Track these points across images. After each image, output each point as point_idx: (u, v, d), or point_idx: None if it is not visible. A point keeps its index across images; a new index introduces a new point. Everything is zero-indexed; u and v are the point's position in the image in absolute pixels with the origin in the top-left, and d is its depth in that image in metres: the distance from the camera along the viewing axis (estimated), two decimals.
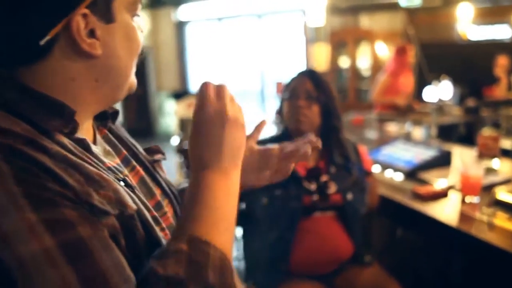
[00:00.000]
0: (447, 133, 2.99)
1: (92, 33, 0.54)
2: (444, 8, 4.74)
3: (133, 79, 0.63)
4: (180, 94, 5.96)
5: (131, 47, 0.59)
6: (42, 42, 0.52)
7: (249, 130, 0.74)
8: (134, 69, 0.62)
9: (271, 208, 1.39)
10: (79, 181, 0.49)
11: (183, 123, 5.18)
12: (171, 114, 7.07)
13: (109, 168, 0.59)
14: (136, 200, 0.57)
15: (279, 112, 1.55)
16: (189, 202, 0.57)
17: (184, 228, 0.54)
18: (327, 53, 5.85)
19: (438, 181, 1.77)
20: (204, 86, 0.61)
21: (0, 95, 0.52)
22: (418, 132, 2.80)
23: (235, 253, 2.73)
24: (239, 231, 1.68)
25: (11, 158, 0.46)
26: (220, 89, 0.62)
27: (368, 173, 1.56)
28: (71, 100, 0.56)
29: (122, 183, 0.57)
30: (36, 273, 0.43)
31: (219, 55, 7.45)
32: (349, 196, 1.42)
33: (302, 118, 1.41)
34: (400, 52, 3.69)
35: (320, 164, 1.47)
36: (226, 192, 0.58)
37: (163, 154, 0.80)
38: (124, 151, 0.70)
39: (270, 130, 3.19)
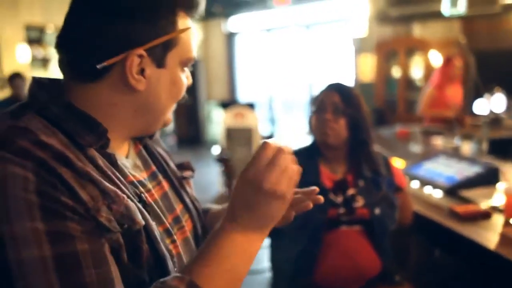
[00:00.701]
0: (501, 148, 2.78)
1: (142, 71, 0.62)
2: (504, 15, 4.44)
3: (168, 117, 0.71)
4: (228, 103, 6.08)
5: (173, 92, 0.67)
6: (99, 66, 0.60)
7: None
8: (171, 110, 0.71)
9: (295, 220, 1.37)
10: (94, 196, 0.55)
11: (229, 132, 5.28)
12: (219, 123, 7.24)
13: (130, 182, 0.65)
14: (146, 215, 0.62)
15: (309, 125, 1.54)
16: (206, 247, 0.61)
17: (191, 270, 0.58)
18: (373, 63, 5.70)
19: (480, 201, 1.66)
20: (263, 145, 0.60)
21: (50, 110, 0.60)
22: (467, 147, 2.63)
23: (265, 264, 2.73)
24: (267, 242, 1.68)
25: (40, 170, 0.53)
26: (277, 155, 0.59)
27: (400, 189, 1.49)
28: (110, 122, 0.64)
29: (137, 198, 0.63)
30: (30, 276, 0.50)
31: (268, 65, 7.53)
32: (377, 211, 1.38)
33: (329, 132, 1.39)
34: (446, 63, 3.53)
35: (348, 177, 1.44)
36: (241, 256, 0.60)
37: (193, 171, 0.87)
38: (154, 167, 0.77)
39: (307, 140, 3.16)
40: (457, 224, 1.51)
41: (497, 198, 1.67)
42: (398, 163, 2.29)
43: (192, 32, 0.68)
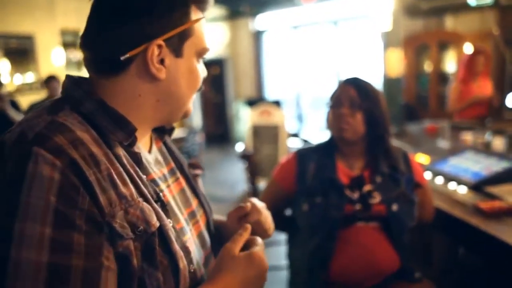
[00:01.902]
0: None
1: (162, 61, 0.66)
2: None
3: (189, 107, 0.75)
4: (254, 101, 6.10)
5: (191, 81, 0.71)
6: (123, 58, 0.64)
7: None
8: (191, 100, 0.74)
9: (311, 215, 1.38)
10: (112, 200, 0.59)
11: (255, 129, 5.30)
12: (246, 121, 7.29)
13: (152, 180, 0.70)
14: (162, 216, 0.66)
15: (326, 120, 1.53)
16: None
17: None
18: (401, 58, 5.55)
19: (507, 197, 1.60)
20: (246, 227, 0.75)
21: (84, 105, 0.65)
22: (499, 142, 2.52)
23: (284, 261, 2.72)
24: (284, 238, 1.69)
25: (68, 172, 0.56)
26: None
27: (419, 185, 1.46)
28: (135, 113, 0.68)
29: (155, 197, 0.67)
30: (20, 279, 0.52)
31: (295, 62, 7.50)
32: (394, 207, 1.36)
33: (345, 126, 1.38)
34: (472, 57, 3.38)
35: (365, 173, 1.42)
36: None
37: (202, 169, 0.92)
38: (172, 163, 0.81)
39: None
40: (482, 221, 1.46)
41: None
42: (422, 158, 2.24)
43: (203, 24, 0.72)
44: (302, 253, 1.42)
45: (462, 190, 1.75)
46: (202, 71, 0.74)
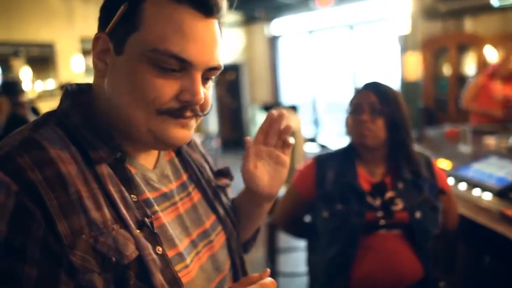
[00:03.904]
0: None
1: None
2: None
3: (156, 130, 0.59)
4: (269, 106, 6.11)
5: (134, 91, 0.57)
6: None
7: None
8: (148, 118, 0.58)
9: (332, 222, 1.36)
10: (76, 229, 0.52)
11: None
12: None
13: (145, 201, 0.61)
14: (144, 243, 0.56)
15: (346, 126, 1.51)
16: None
17: None
18: (419, 61, 5.47)
19: None
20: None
21: (70, 119, 0.59)
22: None
23: (303, 267, 2.70)
24: (304, 244, 1.66)
25: (24, 197, 0.50)
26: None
27: (443, 191, 1.43)
28: (116, 122, 0.61)
29: (140, 223, 0.58)
30: None
31: (311, 67, 7.47)
32: (418, 214, 1.32)
33: (366, 133, 1.35)
34: (502, 60, 3.34)
35: (387, 180, 1.39)
36: None
37: (231, 179, 0.83)
38: (185, 176, 0.73)
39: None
40: (509, 229, 1.41)
41: None
42: (443, 164, 2.19)
43: (173, 16, 0.56)
44: (322, 260, 1.40)
45: (487, 196, 1.70)
46: (168, 86, 0.57)
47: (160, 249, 0.59)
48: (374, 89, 1.38)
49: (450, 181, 1.92)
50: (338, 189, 1.38)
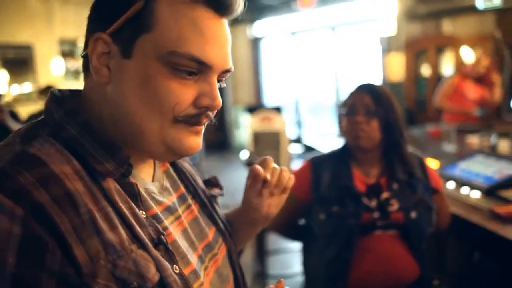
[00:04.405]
0: None
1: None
2: None
3: (171, 140, 0.54)
4: (254, 108, 6.10)
5: (149, 99, 0.52)
6: (82, 54, 0.56)
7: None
8: (162, 126, 0.53)
9: (329, 224, 1.36)
10: (94, 254, 0.47)
11: (256, 136, 5.29)
12: (246, 128, 7.27)
13: (154, 216, 0.57)
14: (164, 264, 0.52)
15: (339, 128, 1.52)
16: None
17: None
18: (402, 62, 5.58)
19: None
20: None
21: (66, 130, 0.52)
22: (506, 145, 2.52)
23: (295, 269, 2.71)
24: (298, 246, 1.66)
25: (31, 222, 0.44)
26: None
27: (436, 191, 1.45)
28: (113, 131, 0.55)
29: (156, 241, 0.54)
30: None
31: (294, 68, 7.51)
32: (413, 214, 1.34)
33: (361, 134, 1.36)
34: (476, 62, 3.50)
35: (382, 180, 1.41)
36: None
37: (221, 188, 0.79)
38: (182, 188, 0.68)
39: (337, 143, 3.12)
40: (499, 226, 1.45)
41: None
42: (431, 163, 2.23)
43: (189, 15, 0.52)
44: (319, 262, 1.40)
45: (476, 195, 1.74)
46: (186, 91, 0.53)
47: (177, 268, 0.55)
48: (369, 90, 1.39)
49: None
50: (334, 191, 1.39)
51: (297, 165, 5.47)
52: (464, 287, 1.62)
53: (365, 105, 1.37)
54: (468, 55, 5.22)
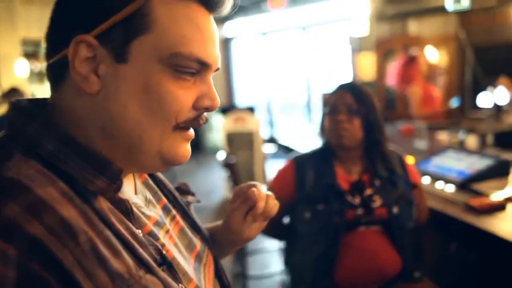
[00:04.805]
0: (506, 140, 2.79)
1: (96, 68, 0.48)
2: (499, 9, 4.48)
3: (170, 148, 0.51)
4: (227, 109, 6.09)
5: (152, 107, 0.48)
6: (50, 62, 0.49)
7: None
8: (163, 136, 0.50)
9: (314, 223, 1.38)
10: (102, 286, 0.42)
11: (230, 137, 5.28)
12: (218, 129, 7.24)
13: (150, 233, 0.53)
14: (172, 284, 0.49)
15: (321, 126, 1.54)
16: None
17: None
18: (373, 62, 5.73)
19: (494, 193, 1.67)
20: None
21: (44, 147, 0.45)
22: (473, 141, 2.64)
23: (273, 268, 2.72)
24: (277, 246, 1.67)
25: (28, 262, 0.37)
26: None
27: (415, 186, 1.50)
28: (95, 146, 0.49)
29: (160, 260, 0.51)
30: None
31: (265, 69, 7.55)
32: (395, 209, 1.38)
33: (344, 133, 1.39)
34: (409, 62, 3.71)
35: (364, 178, 1.44)
36: None
37: (193, 195, 0.74)
38: (164, 198, 0.64)
39: (316, 142, 3.17)
40: (474, 218, 1.51)
41: (509, 189, 1.68)
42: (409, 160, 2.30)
43: (188, 14, 0.49)
44: (305, 260, 1.42)
45: (450, 189, 1.81)
46: (187, 94, 0.50)
47: (183, 286, 0.51)
48: (350, 89, 1.42)
49: None
50: (318, 190, 1.41)
51: (271, 164, 5.50)
52: (441, 277, 1.68)
53: (347, 104, 1.40)
54: (432, 54, 5.44)
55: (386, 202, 1.38)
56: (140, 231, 0.50)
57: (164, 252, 0.52)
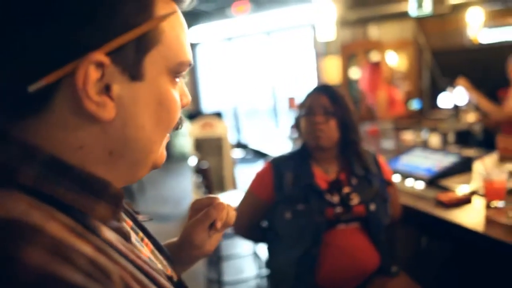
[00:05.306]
0: (465, 138, 2.96)
1: (107, 89, 0.40)
2: (453, 14, 4.74)
3: (160, 154, 0.48)
4: (194, 114, 6.05)
5: (162, 118, 0.45)
6: (32, 89, 0.37)
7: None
8: (163, 144, 0.48)
9: (295, 223, 1.40)
10: None
11: (198, 143, 5.24)
12: (185, 135, 7.17)
13: (150, 259, 0.50)
14: None
15: (296, 128, 1.57)
16: None
17: None
18: (338, 66, 5.90)
19: (460, 187, 1.76)
20: None
21: (20, 173, 0.37)
22: (435, 139, 2.78)
23: (257, 271, 2.73)
24: (263, 248, 1.68)
25: None
26: None
27: (389, 183, 1.56)
28: None
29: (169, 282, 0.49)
30: None
31: (231, 74, 7.57)
32: (372, 207, 1.43)
33: (320, 134, 1.42)
34: (374, 68, 3.92)
35: (341, 177, 1.48)
36: None
37: (138, 213, 0.66)
38: (128, 219, 0.56)
39: (285, 145, 3.21)
40: (444, 212, 1.59)
41: (473, 183, 1.78)
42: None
43: (180, 21, 0.46)
44: (286, 261, 1.43)
45: (420, 185, 1.89)
46: (179, 97, 0.48)
47: None
48: (325, 91, 1.45)
49: None
50: (297, 190, 1.43)
51: (240, 169, 5.51)
52: (414, 270, 1.74)
53: (323, 106, 1.43)
54: (393, 58, 5.67)
55: (363, 200, 1.43)
56: (146, 260, 0.46)
57: (167, 273, 0.49)
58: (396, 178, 2.05)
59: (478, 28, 4.61)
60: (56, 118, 0.40)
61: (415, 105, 4.75)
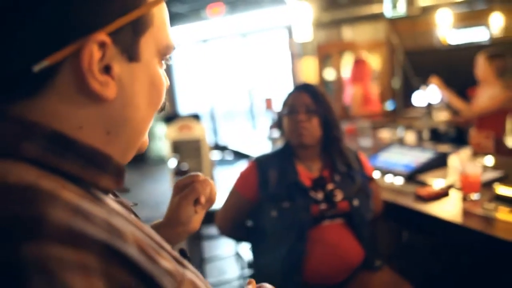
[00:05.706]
0: (439, 135, 3.05)
1: (107, 70, 0.41)
2: (423, 16, 4.89)
3: (145, 138, 0.50)
4: (170, 117, 5.98)
5: (153, 98, 0.47)
6: (36, 69, 0.38)
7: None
8: (150, 125, 0.49)
9: (280, 221, 1.41)
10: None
11: (175, 145, 5.19)
12: (162, 138, 7.08)
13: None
14: (199, 275, 0.49)
15: (279, 127, 1.59)
16: None
17: None
18: (315, 66, 5.98)
19: (437, 182, 1.82)
20: None
21: (27, 148, 0.38)
22: (411, 137, 2.86)
23: (240, 271, 2.73)
24: (247, 248, 1.68)
25: (110, 267, 0.34)
26: None
27: (371, 179, 1.59)
28: None
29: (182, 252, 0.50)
30: None
31: (207, 76, 7.54)
32: (356, 202, 1.46)
33: (304, 132, 1.44)
34: (359, 64, 4.02)
35: (325, 174, 1.50)
36: None
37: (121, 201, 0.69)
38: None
39: (265, 145, 3.23)
40: (423, 206, 1.64)
41: (450, 178, 1.85)
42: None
43: (165, 7, 0.49)
44: (273, 259, 1.44)
45: (399, 181, 1.94)
46: (165, 80, 0.50)
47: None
48: (307, 90, 1.48)
49: None
50: (282, 188, 1.44)
51: (219, 171, 5.49)
52: (396, 264, 1.79)
53: (305, 104, 1.45)
54: (366, 58, 5.80)
55: (347, 196, 1.45)
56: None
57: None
58: (375, 175, 2.09)
59: (447, 29, 4.77)
60: (57, 98, 0.41)
61: (389, 106, 4.88)
